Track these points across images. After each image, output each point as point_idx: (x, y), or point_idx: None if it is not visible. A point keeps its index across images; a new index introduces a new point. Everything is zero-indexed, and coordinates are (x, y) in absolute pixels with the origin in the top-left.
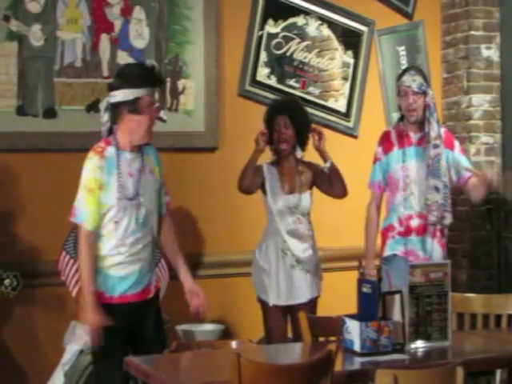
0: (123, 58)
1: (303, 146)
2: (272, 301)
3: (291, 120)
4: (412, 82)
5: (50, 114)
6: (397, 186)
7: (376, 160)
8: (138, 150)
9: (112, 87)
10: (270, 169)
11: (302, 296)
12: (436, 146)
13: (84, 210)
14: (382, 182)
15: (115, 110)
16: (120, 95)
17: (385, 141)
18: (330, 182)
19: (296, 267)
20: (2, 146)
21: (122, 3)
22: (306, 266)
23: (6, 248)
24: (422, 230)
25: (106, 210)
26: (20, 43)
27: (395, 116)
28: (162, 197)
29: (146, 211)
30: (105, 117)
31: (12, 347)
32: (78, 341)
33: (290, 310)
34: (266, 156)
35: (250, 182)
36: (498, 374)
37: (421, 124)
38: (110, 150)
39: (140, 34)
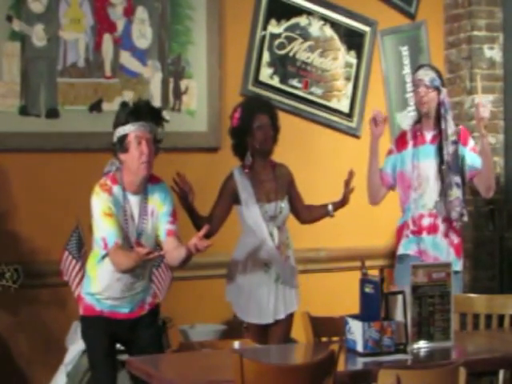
0: (126, 58)
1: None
2: (254, 320)
3: (271, 120)
4: (425, 75)
5: (53, 114)
6: (409, 184)
7: (388, 154)
8: (142, 191)
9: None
10: (243, 176)
11: (281, 312)
12: (454, 143)
13: (112, 230)
14: (389, 175)
15: (114, 152)
16: (114, 137)
17: (400, 139)
18: (307, 208)
19: (278, 280)
20: (5, 146)
21: (125, 3)
22: (285, 278)
23: (8, 248)
24: (434, 229)
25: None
26: (23, 43)
27: (398, 116)
28: (163, 224)
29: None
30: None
31: (14, 347)
32: (80, 341)
33: (268, 328)
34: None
35: (217, 223)
36: (501, 374)
37: (435, 122)
38: (116, 190)
39: (143, 34)
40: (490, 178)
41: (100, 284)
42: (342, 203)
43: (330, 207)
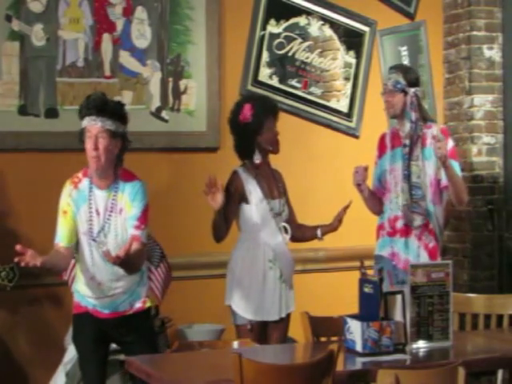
0: (125, 58)
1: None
2: (259, 317)
3: (276, 123)
4: (387, 79)
5: (52, 113)
6: (388, 187)
7: (375, 163)
8: (111, 186)
9: None
10: (247, 174)
11: (284, 310)
12: (405, 146)
13: (59, 230)
14: (378, 186)
15: None
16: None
17: (380, 144)
18: (299, 228)
19: (281, 278)
20: (4, 146)
21: (124, 3)
22: (287, 277)
23: (6, 247)
24: (406, 232)
25: (79, 238)
26: (22, 43)
27: None
28: (129, 228)
29: (112, 251)
30: None
31: (13, 347)
32: None
33: (268, 328)
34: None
35: (228, 226)
36: (500, 374)
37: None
38: (84, 183)
39: (142, 34)
40: (462, 193)
41: (80, 282)
42: (331, 229)
43: (319, 231)
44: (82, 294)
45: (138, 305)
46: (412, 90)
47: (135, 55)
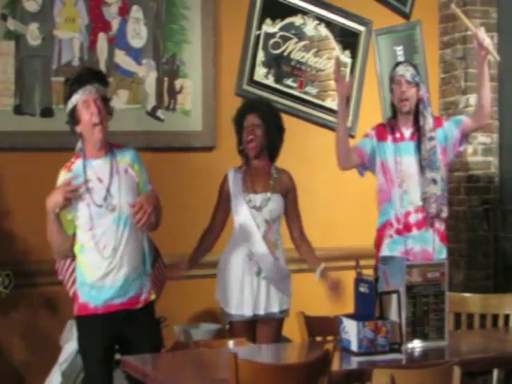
0: (120, 58)
1: (273, 153)
2: (234, 311)
3: (261, 119)
4: (405, 71)
5: (48, 113)
6: (392, 180)
7: (366, 135)
8: (108, 153)
9: None
10: (237, 172)
11: (261, 308)
12: (431, 139)
13: None
14: (368, 155)
15: (71, 129)
16: (67, 114)
17: (379, 130)
18: (304, 244)
19: (260, 274)
20: (0, 145)
21: (120, 2)
22: (269, 275)
23: (2, 247)
24: (422, 224)
25: (78, 220)
26: (17, 42)
27: None
28: (144, 189)
29: (123, 213)
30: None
31: (9, 347)
32: (75, 340)
33: (254, 323)
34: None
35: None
36: (495, 373)
37: (413, 118)
38: (78, 163)
39: (137, 34)
40: (488, 106)
41: (85, 268)
42: (328, 282)
43: (318, 272)
44: (91, 281)
45: (145, 295)
46: (423, 85)
47: (131, 54)
